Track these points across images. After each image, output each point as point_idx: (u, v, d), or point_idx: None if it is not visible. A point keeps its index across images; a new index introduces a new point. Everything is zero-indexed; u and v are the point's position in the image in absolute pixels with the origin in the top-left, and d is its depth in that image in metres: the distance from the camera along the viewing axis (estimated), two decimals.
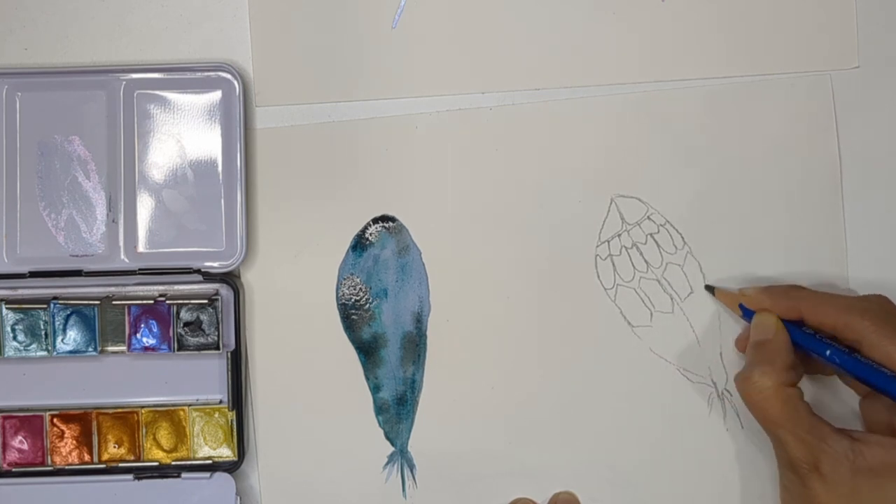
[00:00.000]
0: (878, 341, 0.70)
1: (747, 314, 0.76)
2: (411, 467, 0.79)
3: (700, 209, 0.79)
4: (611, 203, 0.79)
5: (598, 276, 0.79)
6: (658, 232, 0.79)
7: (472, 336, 0.79)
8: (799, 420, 0.70)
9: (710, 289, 0.79)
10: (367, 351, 0.79)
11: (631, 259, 0.79)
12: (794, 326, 0.74)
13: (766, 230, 0.79)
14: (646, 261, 0.79)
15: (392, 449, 0.79)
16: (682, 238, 0.79)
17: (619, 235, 0.79)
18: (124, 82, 0.78)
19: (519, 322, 0.79)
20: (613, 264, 0.79)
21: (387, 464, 0.79)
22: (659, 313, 0.79)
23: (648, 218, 0.79)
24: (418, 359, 0.79)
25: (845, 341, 0.72)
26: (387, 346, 0.79)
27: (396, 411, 0.79)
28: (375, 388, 0.79)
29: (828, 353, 0.72)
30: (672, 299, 0.79)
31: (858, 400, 0.75)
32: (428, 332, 0.79)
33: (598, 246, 0.79)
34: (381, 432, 0.79)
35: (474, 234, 0.79)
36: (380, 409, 0.79)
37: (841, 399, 0.78)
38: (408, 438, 0.79)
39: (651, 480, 0.79)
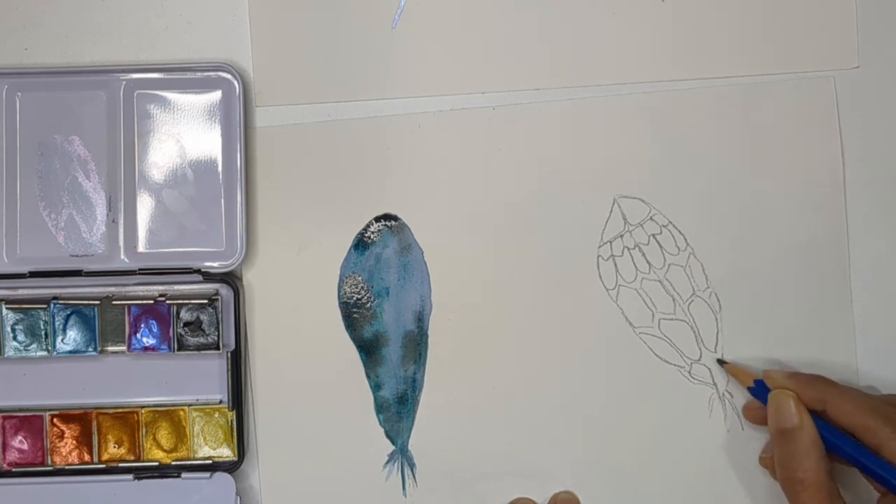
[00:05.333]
0: None
1: (760, 391, 0.76)
2: (411, 466, 0.79)
3: (703, 210, 0.79)
4: (613, 203, 0.79)
5: (600, 277, 0.79)
6: (661, 233, 0.79)
7: (473, 335, 0.79)
8: None
9: (721, 363, 0.78)
10: (369, 349, 0.79)
11: (633, 260, 0.79)
12: (818, 418, 0.73)
13: (768, 231, 0.79)
14: (648, 262, 0.79)
15: (392, 448, 0.79)
16: (685, 239, 0.79)
17: (622, 236, 0.79)
18: (124, 82, 0.78)
19: (520, 322, 0.79)
20: (615, 265, 0.79)
21: (387, 462, 0.79)
22: (661, 314, 0.79)
23: (651, 219, 0.79)
24: (419, 358, 0.79)
25: (863, 443, 0.70)
26: (388, 345, 0.79)
27: (397, 410, 0.79)
28: (376, 387, 0.79)
29: (852, 453, 0.71)
30: (674, 300, 0.79)
31: (877, 498, 0.74)
32: (429, 331, 0.79)
33: (600, 246, 0.79)
34: (381, 431, 0.79)
35: (476, 234, 0.79)
36: (380, 408, 0.79)
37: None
38: (408, 437, 0.79)
39: (651, 481, 0.79)
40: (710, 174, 0.79)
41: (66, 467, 0.78)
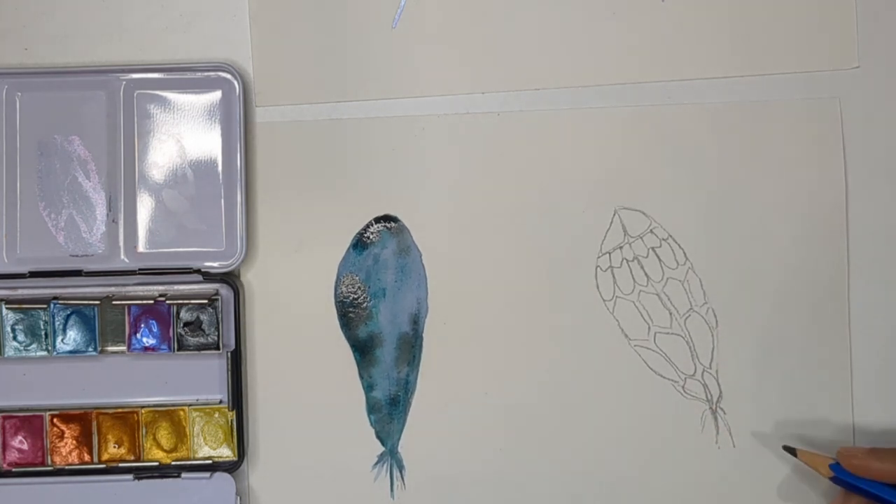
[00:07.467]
0: None
1: (843, 476, 0.73)
2: (400, 468, 0.79)
3: (704, 226, 0.79)
4: (614, 214, 0.79)
5: (598, 288, 0.79)
6: (660, 246, 0.79)
7: (468, 340, 0.79)
8: None
9: (789, 450, 0.77)
10: (363, 350, 0.79)
11: (631, 272, 0.79)
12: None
13: (769, 249, 0.79)
14: (646, 274, 0.79)
15: (382, 449, 0.79)
16: (685, 254, 0.79)
17: (621, 247, 0.79)
18: (124, 82, 0.78)
19: (516, 329, 0.79)
20: (613, 276, 0.79)
21: (376, 464, 0.79)
22: (657, 328, 0.79)
23: (651, 231, 0.79)
24: (413, 360, 0.79)
25: None
26: (382, 346, 0.79)
27: (388, 411, 0.79)
28: (369, 388, 0.79)
29: None
30: (671, 314, 0.79)
31: None
32: (424, 335, 0.79)
33: (599, 257, 0.79)
34: (372, 432, 0.79)
35: (475, 239, 0.79)
36: (372, 409, 0.79)
37: None
38: (398, 439, 0.79)
39: (641, 494, 0.79)
40: (713, 189, 0.79)
41: (66, 467, 0.78)
